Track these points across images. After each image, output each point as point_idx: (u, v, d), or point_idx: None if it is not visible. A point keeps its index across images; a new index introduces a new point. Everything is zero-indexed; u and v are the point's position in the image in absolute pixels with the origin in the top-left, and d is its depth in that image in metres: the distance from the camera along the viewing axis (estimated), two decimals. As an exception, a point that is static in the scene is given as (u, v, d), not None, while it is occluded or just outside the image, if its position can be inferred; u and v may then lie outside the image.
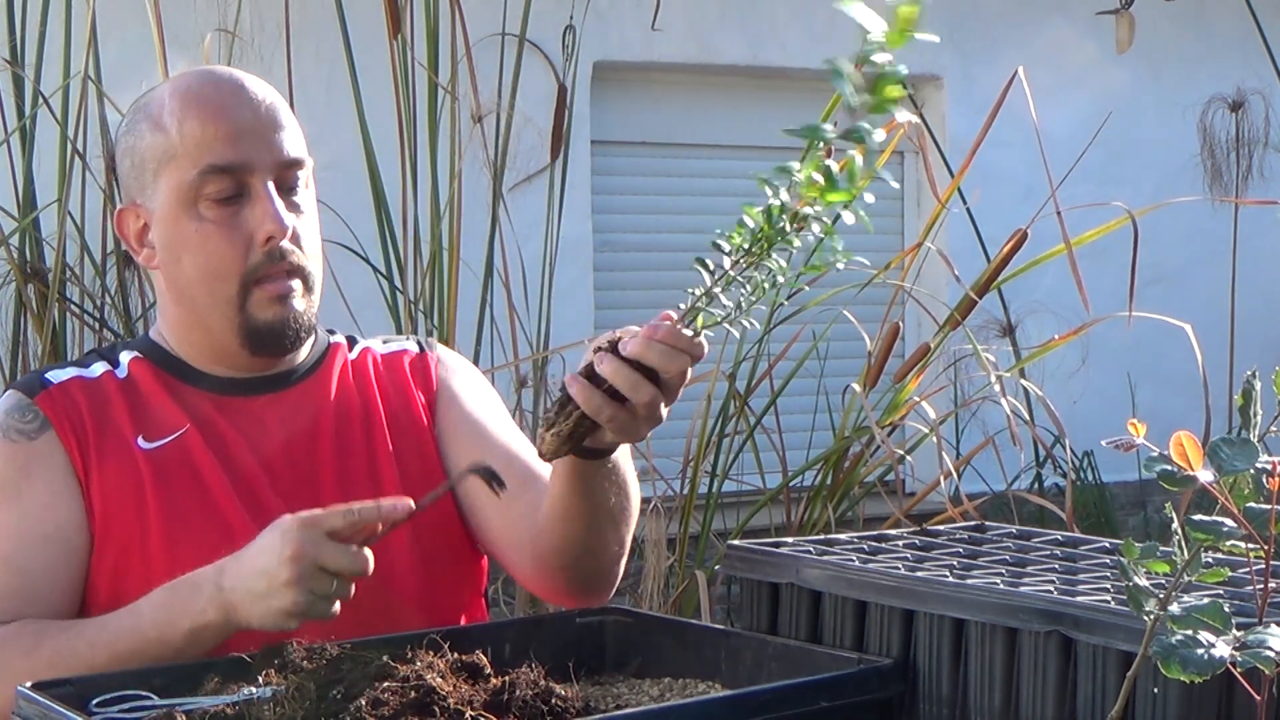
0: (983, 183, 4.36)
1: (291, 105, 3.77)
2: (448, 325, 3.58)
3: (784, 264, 1.38)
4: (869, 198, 1.34)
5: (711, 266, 1.40)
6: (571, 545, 1.75)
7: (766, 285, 1.39)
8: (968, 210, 3.93)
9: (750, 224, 1.36)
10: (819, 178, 1.31)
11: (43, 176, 3.74)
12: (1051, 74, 6.10)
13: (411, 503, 1.56)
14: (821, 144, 1.27)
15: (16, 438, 1.78)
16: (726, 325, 1.43)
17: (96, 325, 3.83)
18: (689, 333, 1.45)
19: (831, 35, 5.94)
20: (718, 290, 1.40)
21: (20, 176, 3.71)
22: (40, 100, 3.70)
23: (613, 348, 1.47)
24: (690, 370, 1.49)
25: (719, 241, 1.38)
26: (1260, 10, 4.33)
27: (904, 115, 1.32)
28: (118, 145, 1.86)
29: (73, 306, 3.82)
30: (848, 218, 1.34)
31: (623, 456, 1.68)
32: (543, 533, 1.77)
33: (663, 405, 1.50)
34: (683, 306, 1.44)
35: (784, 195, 1.33)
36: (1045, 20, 6.66)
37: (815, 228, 1.36)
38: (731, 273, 1.38)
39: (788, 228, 1.35)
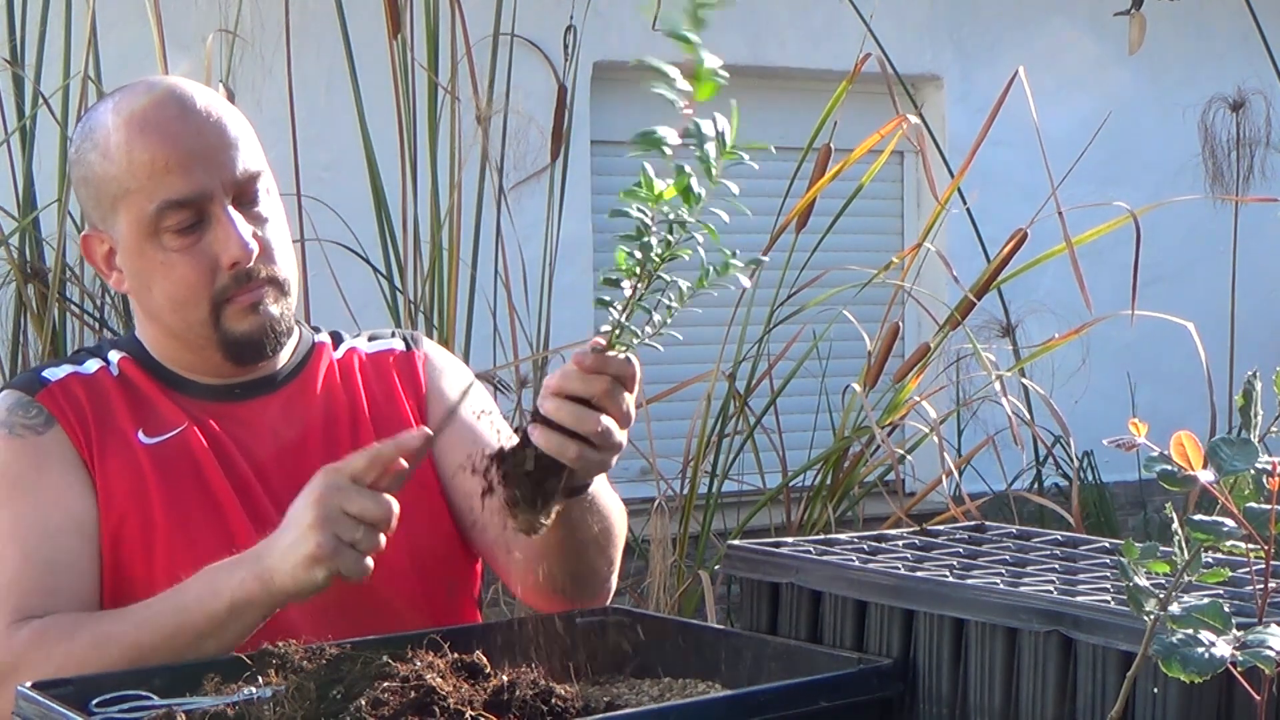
0: (983, 183, 4.37)
1: (291, 105, 3.79)
2: (447, 325, 3.58)
3: (684, 285, 1.41)
4: (734, 188, 1.38)
5: (615, 298, 1.42)
6: (561, 574, 1.76)
7: (675, 302, 1.42)
8: (967, 210, 3.93)
9: (631, 255, 1.39)
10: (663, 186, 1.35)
11: (43, 176, 3.74)
12: (1051, 74, 6.10)
13: (428, 430, 1.57)
14: (661, 149, 1.32)
15: (24, 433, 1.77)
16: (650, 344, 1.46)
17: (96, 325, 3.83)
18: (615, 354, 1.47)
19: (831, 35, 5.94)
20: (626, 316, 1.43)
21: (20, 176, 3.71)
22: (40, 100, 3.70)
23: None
24: (628, 392, 1.50)
25: (611, 276, 1.41)
26: (1260, 10, 4.33)
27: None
28: (72, 170, 1.84)
29: (73, 306, 3.82)
30: (722, 215, 1.37)
31: (598, 484, 1.68)
32: (532, 564, 1.77)
33: (616, 431, 1.50)
34: (609, 336, 1.47)
35: (645, 216, 1.36)
36: (1045, 20, 6.65)
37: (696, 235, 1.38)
38: (635, 297, 1.41)
39: (659, 249, 1.37)
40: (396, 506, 1.56)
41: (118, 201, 1.76)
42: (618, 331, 1.45)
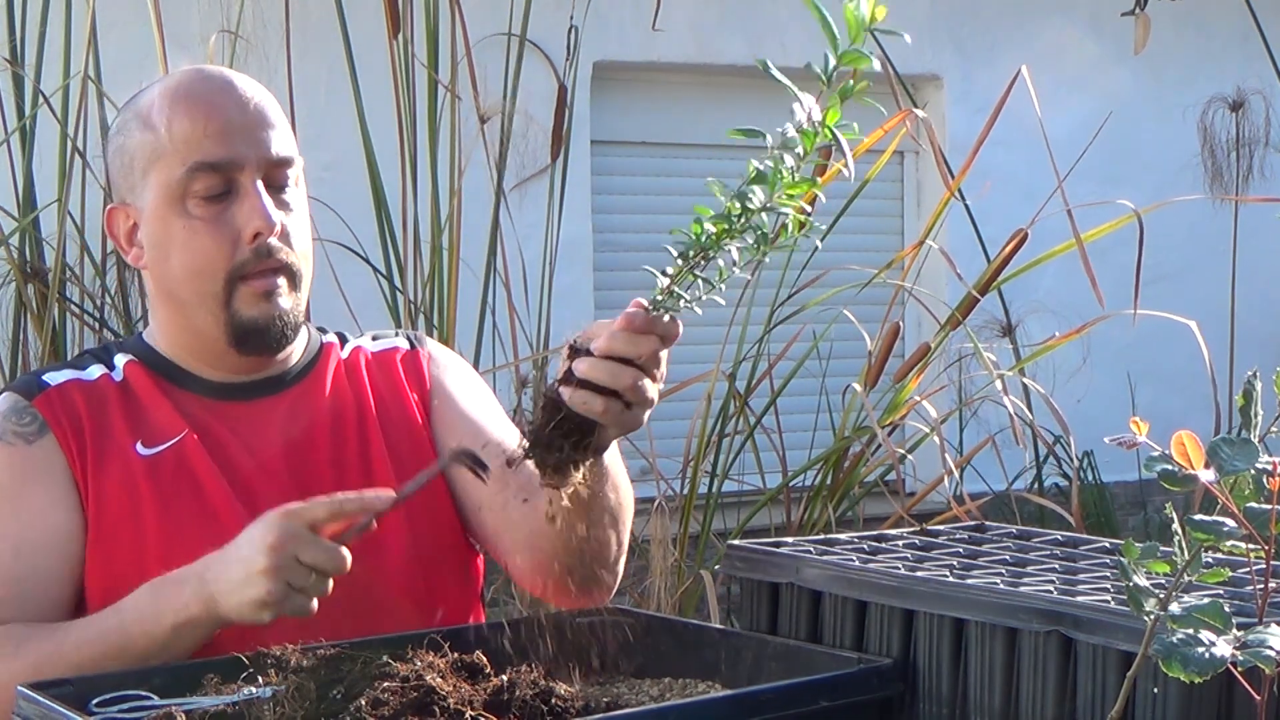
0: (983, 183, 4.37)
1: (291, 105, 3.79)
2: (448, 326, 3.58)
3: (739, 254, 1.41)
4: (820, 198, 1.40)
5: (670, 266, 1.43)
6: (574, 547, 1.72)
7: (726, 273, 1.42)
8: (968, 210, 3.93)
9: (706, 223, 1.40)
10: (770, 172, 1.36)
11: (43, 176, 3.74)
12: (1051, 74, 6.10)
13: (393, 493, 1.57)
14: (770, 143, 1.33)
15: (14, 441, 1.77)
16: (692, 307, 1.45)
17: (96, 325, 3.83)
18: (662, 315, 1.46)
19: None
20: (678, 283, 1.43)
21: (20, 176, 3.71)
22: (40, 100, 3.70)
23: (576, 351, 1.48)
24: (666, 351, 1.49)
25: (680, 247, 1.42)
26: (1260, 10, 4.33)
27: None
28: (108, 145, 1.85)
29: (73, 306, 3.82)
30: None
31: (612, 456, 1.67)
32: (544, 535, 1.74)
33: (650, 387, 1.48)
34: (654, 299, 1.46)
35: (754, 196, 1.37)
36: (1045, 21, 6.65)
37: (772, 219, 1.39)
38: (690, 265, 1.41)
39: (737, 225, 1.39)
40: (349, 558, 1.55)
41: (150, 166, 1.77)
42: (665, 297, 1.44)
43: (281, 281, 1.79)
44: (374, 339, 1.97)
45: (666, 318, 1.46)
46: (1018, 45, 6.37)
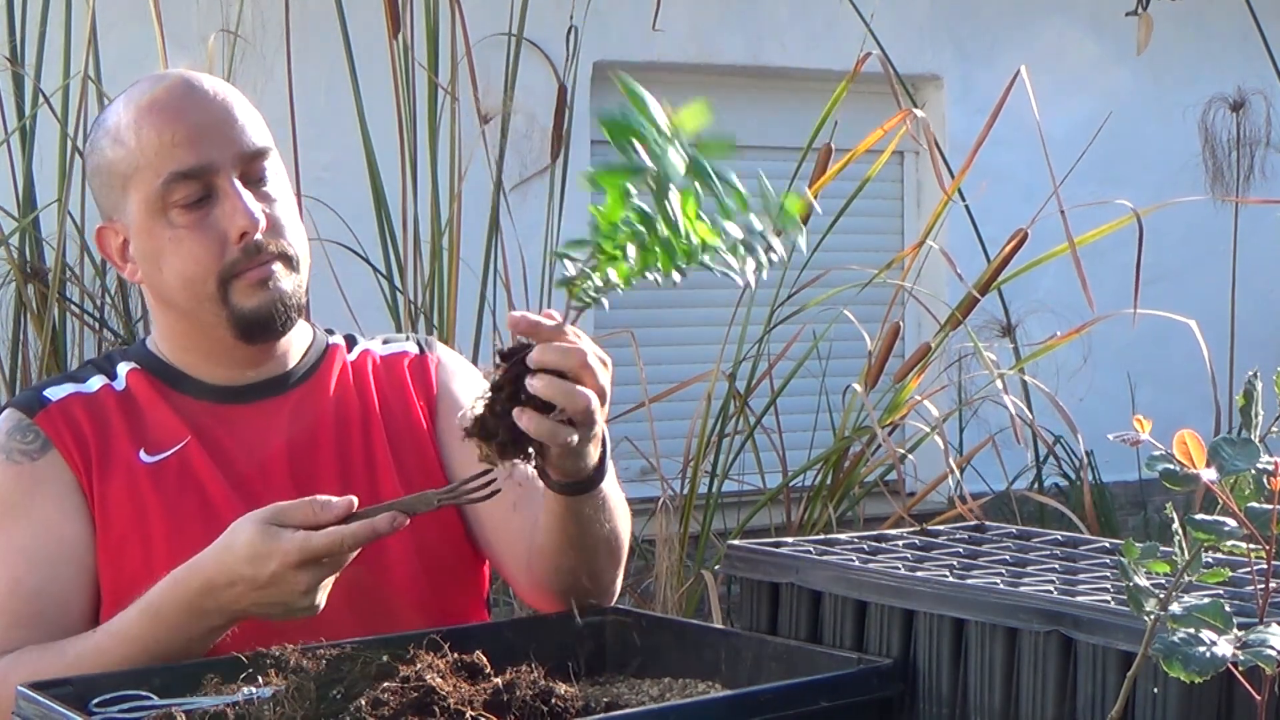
0: (982, 183, 4.37)
1: (291, 105, 3.79)
2: (448, 326, 3.58)
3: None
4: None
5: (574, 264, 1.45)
6: (569, 573, 1.75)
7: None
8: (968, 210, 3.93)
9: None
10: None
11: (43, 176, 3.74)
12: (1051, 74, 6.10)
13: (405, 518, 1.57)
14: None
15: (20, 459, 1.77)
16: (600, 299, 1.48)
17: (96, 325, 3.83)
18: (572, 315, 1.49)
19: (831, 35, 5.94)
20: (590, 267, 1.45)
21: (20, 176, 3.71)
22: (40, 100, 3.70)
23: (512, 361, 1.48)
24: (609, 374, 1.53)
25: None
26: (1260, 10, 4.33)
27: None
28: (86, 164, 1.86)
29: (73, 306, 3.82)
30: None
31: (609, 484, 1.69)
32: (538, 561, 1.76)
33: (598, 412, 1.52)
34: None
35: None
36: (1045, 21, 6.65)
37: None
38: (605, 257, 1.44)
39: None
40: (356, 544, 1.56)
41: (128, 182, 1.76)
42: (581, 281, 1.46)
43: (277, 267, 1.78)
44: (384, 342, 1.96)
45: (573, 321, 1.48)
46: (1018, 45, 6.36)
